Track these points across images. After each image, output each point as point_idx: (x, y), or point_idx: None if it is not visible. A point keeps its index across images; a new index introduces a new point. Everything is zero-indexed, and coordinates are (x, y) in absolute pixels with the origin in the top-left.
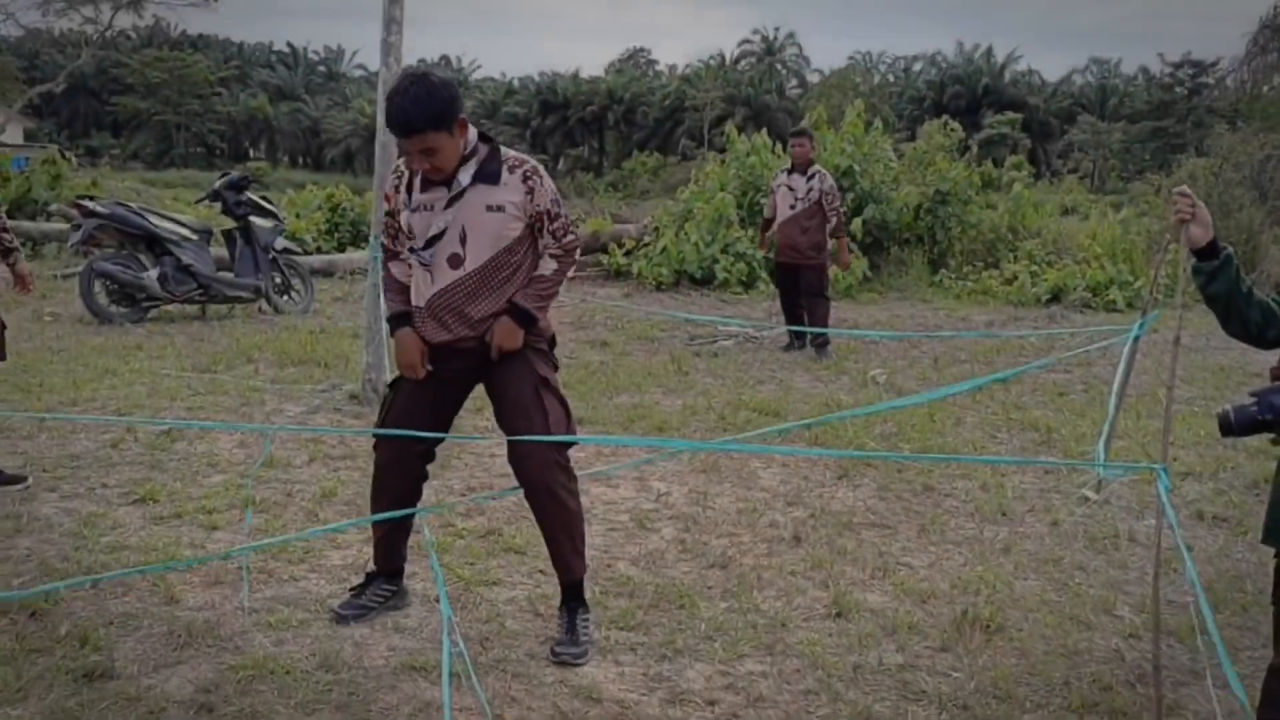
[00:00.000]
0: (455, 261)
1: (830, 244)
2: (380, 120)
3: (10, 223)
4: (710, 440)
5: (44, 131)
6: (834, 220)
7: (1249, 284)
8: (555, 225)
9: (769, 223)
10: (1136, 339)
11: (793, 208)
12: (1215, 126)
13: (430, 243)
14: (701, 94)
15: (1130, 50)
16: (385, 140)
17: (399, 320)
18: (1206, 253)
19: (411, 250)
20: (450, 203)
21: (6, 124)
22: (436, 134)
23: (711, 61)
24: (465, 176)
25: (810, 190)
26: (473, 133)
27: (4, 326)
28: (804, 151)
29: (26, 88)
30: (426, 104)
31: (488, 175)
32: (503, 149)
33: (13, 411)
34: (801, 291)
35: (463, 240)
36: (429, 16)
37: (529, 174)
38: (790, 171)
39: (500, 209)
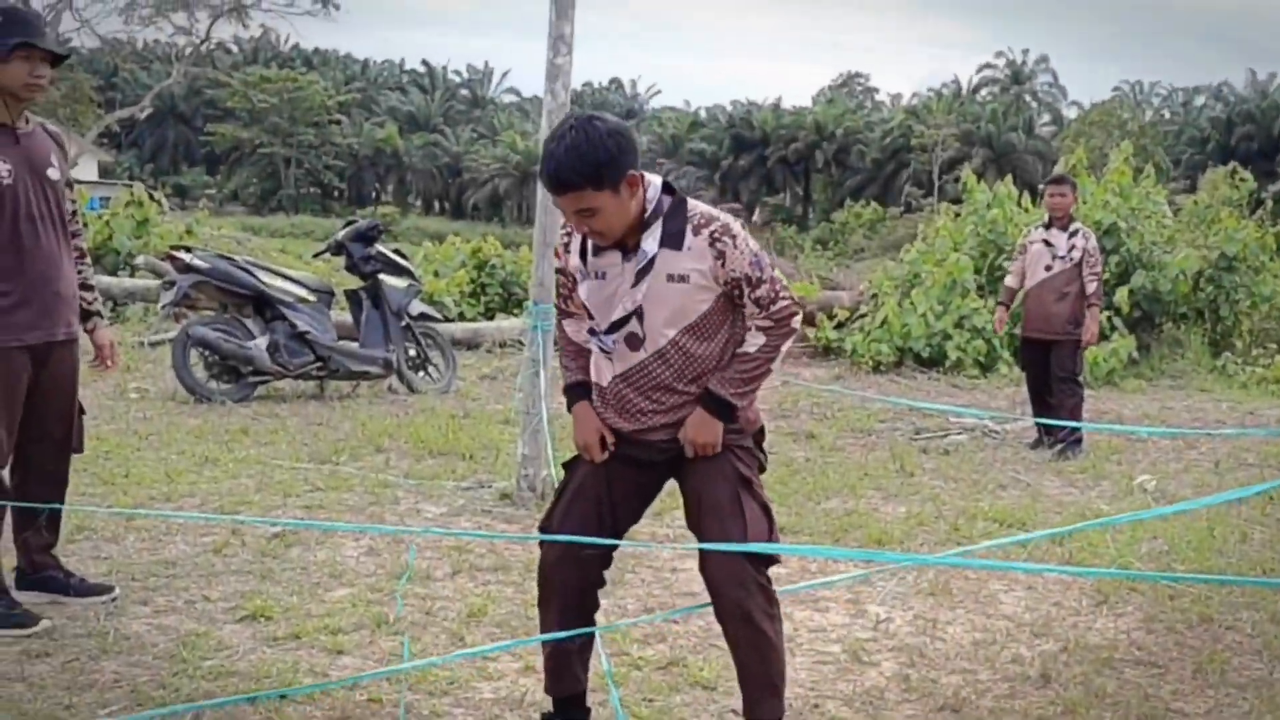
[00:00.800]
0: (634, 342)
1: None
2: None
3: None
4: (939, 554)
5: (123, 166)
6: (1093, 285)
7: None
8: (759, 292)
9: (1013, 293)
10: None
11: (1049, 269)
12: None
13: (615, 327)
14: (931, 130)
15: None
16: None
17: (576, 392)
18: None
19: (592, 332)
20: (639, 278)
21: (79, 156)
22: (597, 193)
23: (945, 90)
24: (651, 244)
25: (1072, 249)
26: (654, 187)
27: (83, 412)
28: (1065, 203)
29: (103, 112)
30: (585, 155)
31: (671, 238)
32: (689, 202)
33: (95, 507)
34: (1051, 374)
35: (640, 317)
36: (596, 30)
37: (718, 234)
38: (1048, 226)
39: (684, 279)
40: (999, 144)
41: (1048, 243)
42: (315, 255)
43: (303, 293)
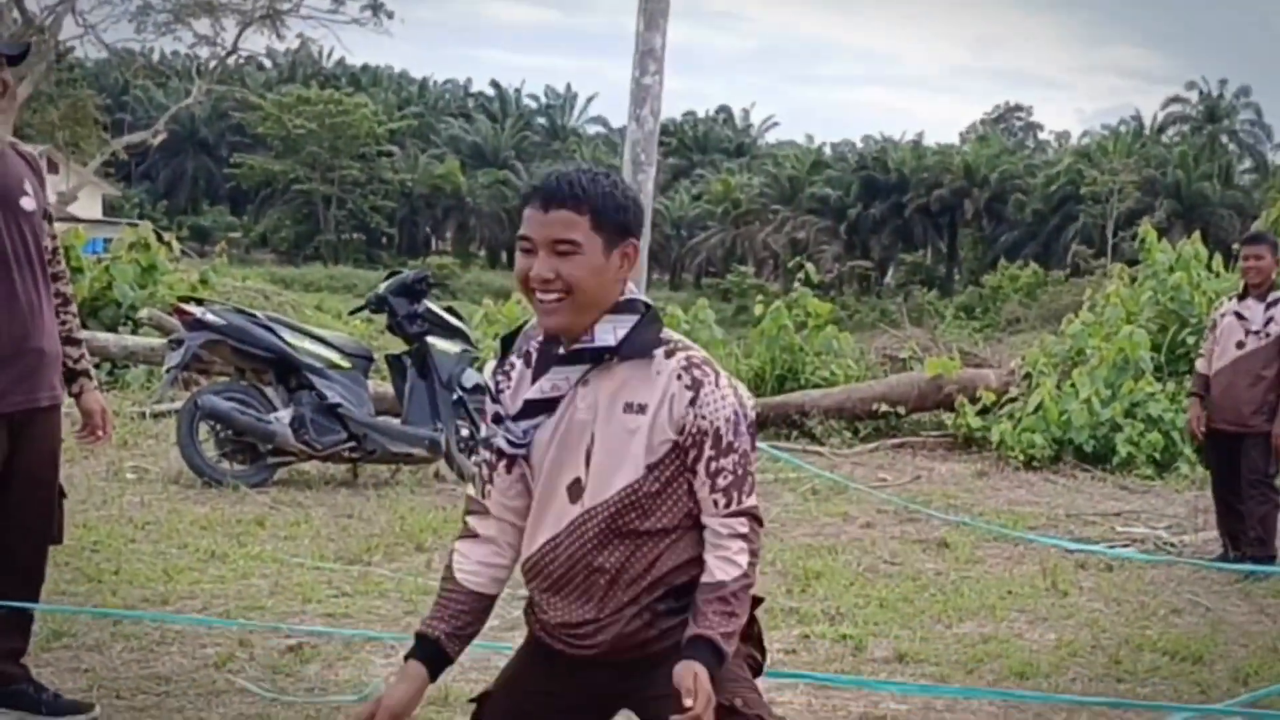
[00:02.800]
0: (575, 491)
1: None
2: None
3: (83, 334)
4: (1097, 695)
5: (132, 202)
6: None
7: None
8: (725, 462)
9: (1207, 381)
10: None
11: (1241, 346)
12: None
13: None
14: (1106, 176)
15: None
16: None
17: (423, 645)
18: None
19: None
20: (586, 379)
21: (80, 189)
22: (591, 229)
23: (1123, 129)
24: (608, 335)
25: (1270, 322)
26: (633, 287)
27: (64, 495)
28: (1264, 266)
29: (109, 137)
30: (599, 183)
31: (637, 346)
32: (667, 331)
33: (77, 609)
34: (1241, 475)
35: (588, 454)
36: (704, 47)
37: (697, 365)
38: (1242, 296)
39: (641, 409)
40: (1188, 194)
41: (1240, 315)
42: (352, 312)
43: (335, 357)
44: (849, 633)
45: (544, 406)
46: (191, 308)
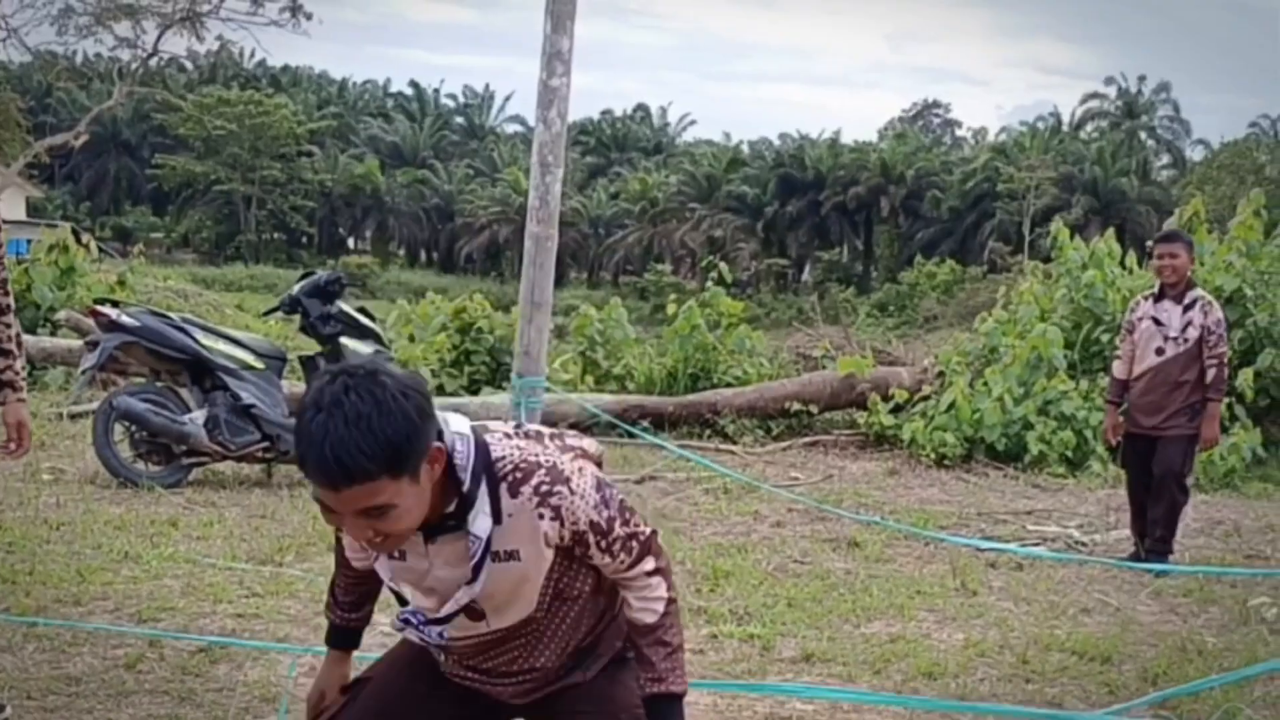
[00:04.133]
0: (473, 614)
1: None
2: (531, 201)
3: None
4: (1005, 703)
5: (55, 203)
6: (1213, 371)
7: None
8: (613, 536)
9: (1123, 386)
10: None
11: (1160, 353)
12: None
13: (439, 621)
14: (1023, 173)
15: None
16: (538, 232)
17: (338, 637)
18: None
19: (405, 621)
20: (475, 572)
21: (2, 190)
22: (395, 482)
23: (1041, 125)
24: (482, 525)
25: (1188, 325)
26: (463, 440)
27: None
28: (1180, 266)
29: (33, 139)
30: (377, 430)
31: (496, 512)
32: (490, 446)
33: None
34: (1154, 475)
35: (474, 603)
36: (617, 42)
37: (546, 492)
38: (1158, 298)
39: (513, 555)
40: (1105, 191)
41: (1157, 320)
42: (266, 314)
43: (249, 358)
44: (757, 632)
45: (398, 557)
46: (107, 310)
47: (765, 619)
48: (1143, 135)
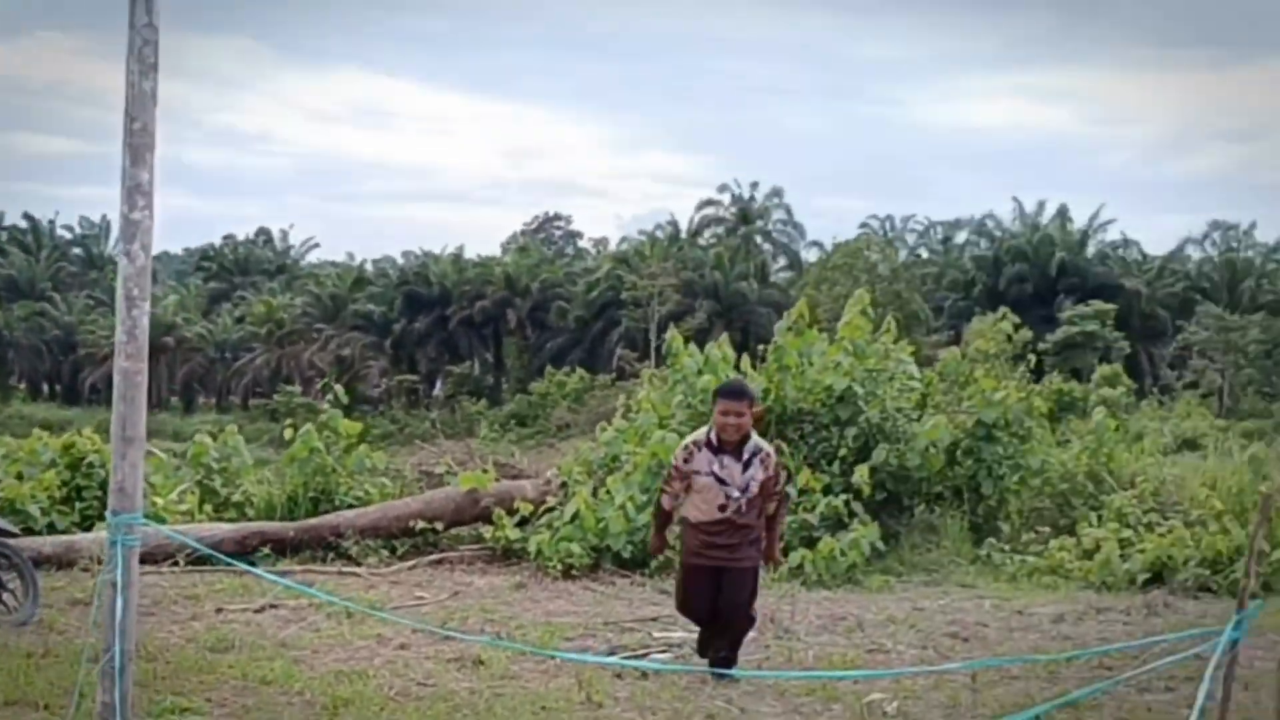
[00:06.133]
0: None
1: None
2: (119, 336)
3: None
4: None
5: None
6: (774, 504)
7: None
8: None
9: (668, 517)
10: (1234, 644)
11: (724, 509)
12: None
13: None
14: (645, 280)
15: (1270, 208)
16: (128, 366)
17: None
18: None
19: None
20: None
21: None
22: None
23: (660, 232)
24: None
25: (750, 482)
26: None
27: None
28: (743, 425)
29: None
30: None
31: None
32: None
33: None
34: (722, 601)
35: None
36: (237, 167)
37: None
38: (716, 449)
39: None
40: (727, 294)
41: (719, 480)
42: None
43: None
44: None
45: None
46: None
47: None
48: (759, 239)
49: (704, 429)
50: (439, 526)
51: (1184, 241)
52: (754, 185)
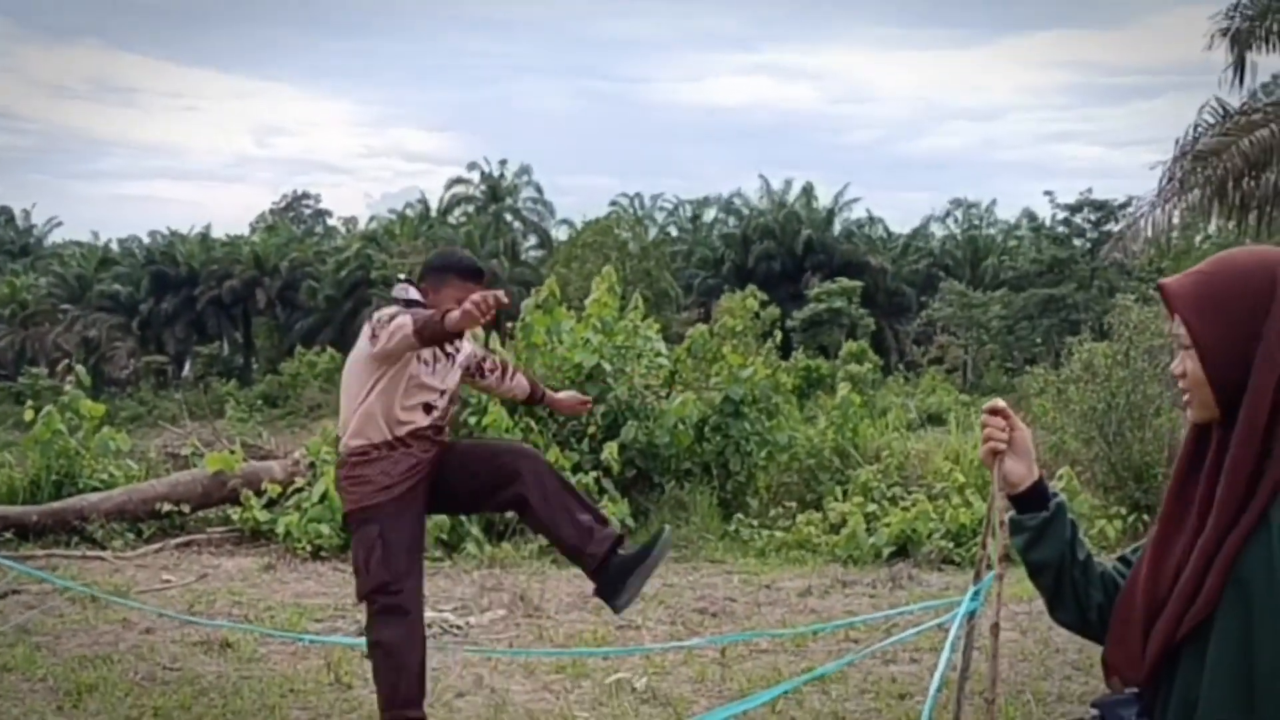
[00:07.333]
0: None
1: None
2: None
3: None
4: None
5: None
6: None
7: (1088, 550)
8: None
9: None
10: (971, 615)
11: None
12: (1121, 295)
13: None
14: (395, 259)
15: (1010, 185)
16: None
17: None
18: (1030, 499)
19: None
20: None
21: None
22: None
23: (410, 211)
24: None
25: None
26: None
27: None
28: None
29: None
30: None
31: None
32: None
33: None
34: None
35: None
36: None
37: None
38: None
39: None
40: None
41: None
42: None
43: None
44: None
45: None
46: None
47: None
48: (509, 217)
49: None
50: (186, 509)
51: (927, 219)
52: (503, 163)
